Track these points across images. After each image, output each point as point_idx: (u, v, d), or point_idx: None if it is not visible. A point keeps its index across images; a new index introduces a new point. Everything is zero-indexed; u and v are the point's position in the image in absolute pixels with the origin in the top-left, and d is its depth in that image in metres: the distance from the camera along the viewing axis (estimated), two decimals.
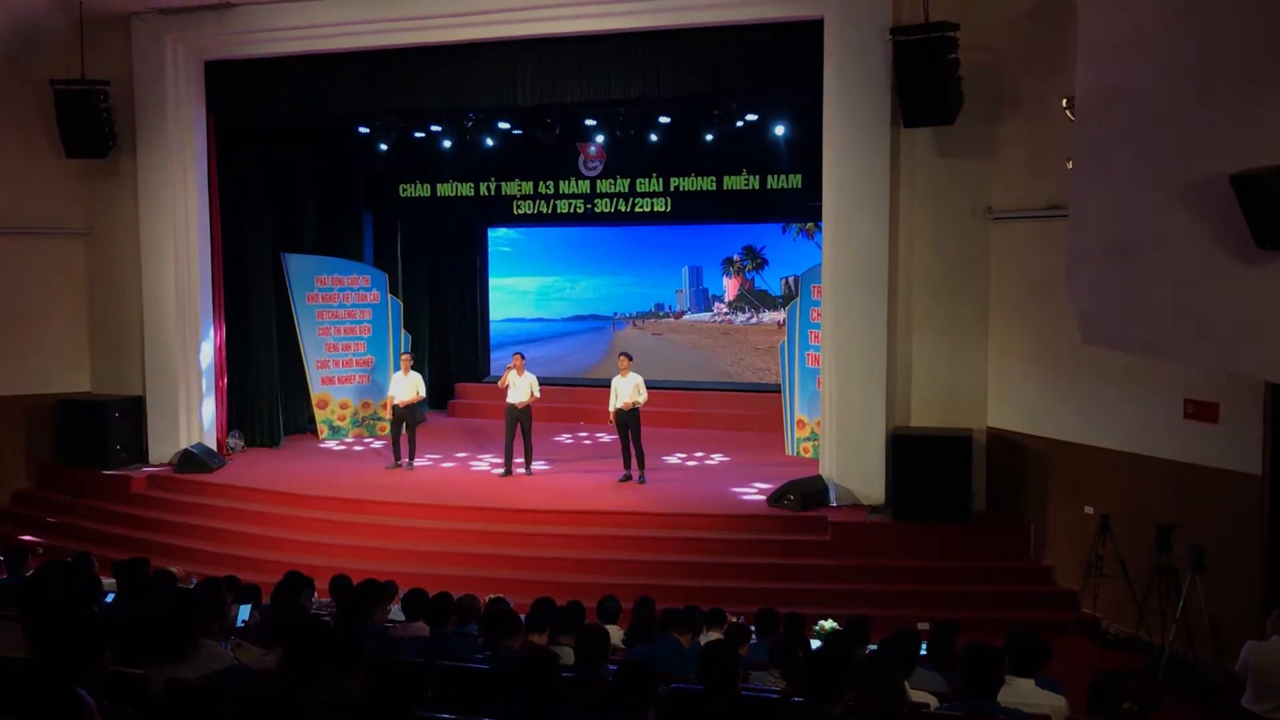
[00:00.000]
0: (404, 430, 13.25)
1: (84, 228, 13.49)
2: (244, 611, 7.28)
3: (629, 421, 12.26)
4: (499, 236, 18.06)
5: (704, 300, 17.36)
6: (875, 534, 10.62)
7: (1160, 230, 6.19)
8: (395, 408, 13.34)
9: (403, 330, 15.75)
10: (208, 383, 13.60)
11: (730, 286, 17.12)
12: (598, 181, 16.28)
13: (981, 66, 10.28)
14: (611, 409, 12.33)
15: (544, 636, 6.22)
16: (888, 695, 4.18)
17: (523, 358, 12.88)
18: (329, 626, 4.58)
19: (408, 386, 13.21)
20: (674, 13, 11.29)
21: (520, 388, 12.63)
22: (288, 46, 12.60)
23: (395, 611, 7.46)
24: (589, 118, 13.91)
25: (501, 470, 12.80)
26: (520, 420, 12.67)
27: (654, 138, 14.16)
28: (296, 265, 15.05)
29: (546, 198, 16.54)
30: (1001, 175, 10.61)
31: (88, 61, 12.55)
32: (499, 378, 13.03)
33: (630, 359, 12.50)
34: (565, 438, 15.15)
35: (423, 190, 16.93)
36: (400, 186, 16.93)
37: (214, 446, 13.59)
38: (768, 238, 16.63)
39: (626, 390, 12.21)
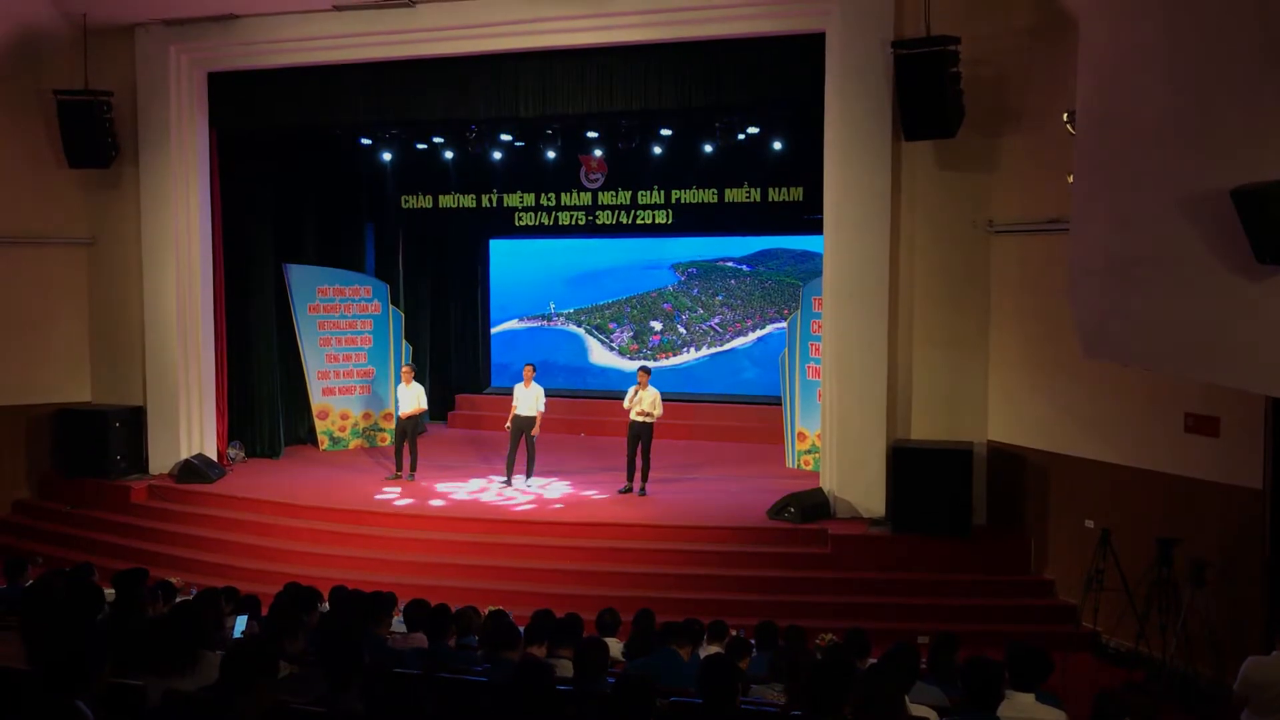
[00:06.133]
0: (406, 441, 13.26)
1: (86, 238, 13.50)
2: (241, 623, 7.27)
3: (641, 434, 12.24)
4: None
5: None
6: (876, 547, 10.61)
7: (1161, 244, 6.20)
8: (398, 419, 13.35)
9: (404, 341, 15.77)
10: (208, 393, 13.59)
11: None
12: (599, 193, 16.31)
13: (983, 80, 10.30)
14: (626, 405, 12.27)
15: (543, 649, 6.20)
16: (887, 708, 4.16)
17: (534, 369, 12.88)
18: None
19: (410, 398, 13.22)
20: (676, 26, 11.33)
21: (527, 400, 12.64)
22: (290, 58, 12.65)
23: (395, 622, 7.44)
24: (590, 130, 13.93)
25: (503, 481, 12.80)
26: (525, 432, 12.66)
27: (655, 150, 14.21)
28: (298, 276, 15.08)
29: (548, 209, 16.57)
30: (1002, 189, 10.63)
31: (91, 72, 12.59)
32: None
33: (648, 372, 12.47)
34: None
35: (425, 201, 16.94)
36: (402, 198, 16.94)
37: (214, 457, 13.58)
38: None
39: (643, 402, 12.20)
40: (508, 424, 12.79)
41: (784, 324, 15.05)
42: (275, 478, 13.46)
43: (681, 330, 17.19)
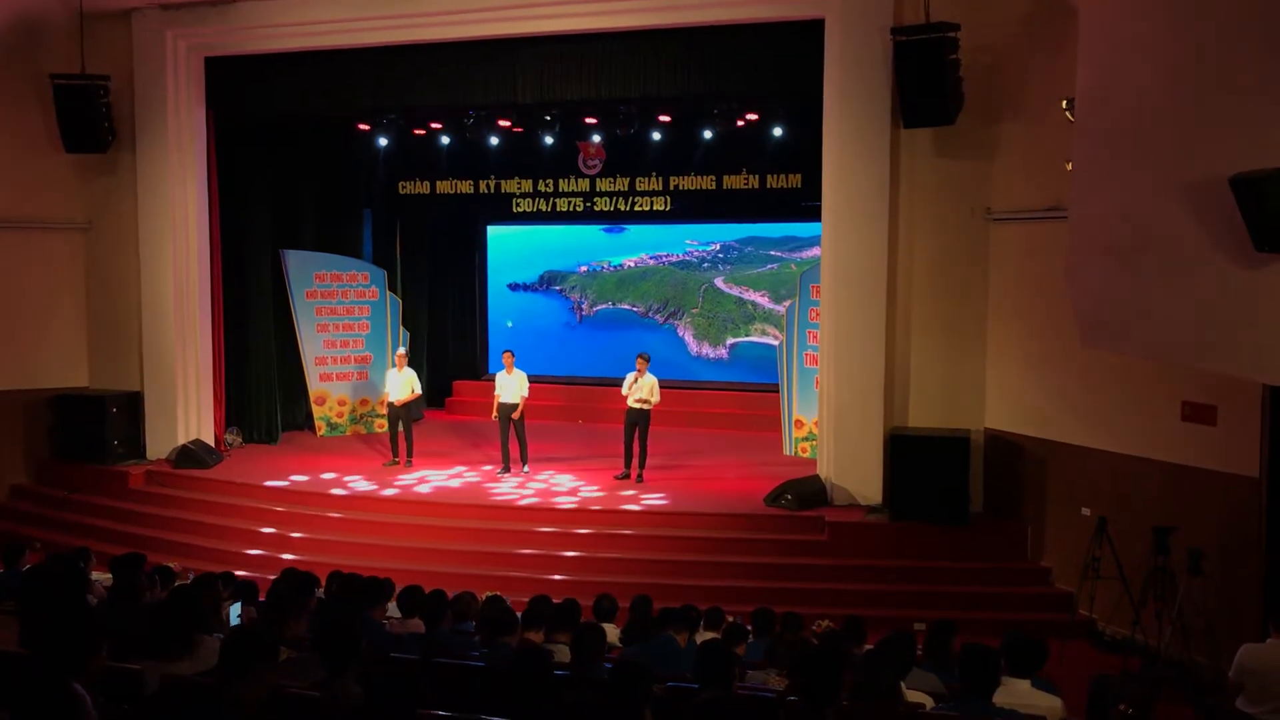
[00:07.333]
0: (400, 427, 13.24)
1: (83, 223, 13.47)
2: (237, 608, 7.29)
3: (638, 420, 12.24)
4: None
5: None
6: (872, 534, 10.62)
7: (1159, 232, 6.20)
8: (391, 405, 13.34)
9: (401, 327, 15.75)
10: (205, 379, 13.57)
11: None
12: (597, 180, 16.28)
13: (982, 67, 10.28)
14: (624, 392, 12.26)
15: (540, 634, 6.22)
16: (884, 695, 4.18)
17: (513, 355, 12.85)
18: None
19: (402, 384, 13.19)
20: (675, 12, 11.29)
21: (510, 386, 12.62)
22: (288, 43, 12.59)
23: (393, 608, 7.46)
24: (589, 116, 13.90)
25: (499, 468, 12.80)
26: (513, 419, 12.66)
27: (654, 136, 14.18)
28: (295, 261, 15.05)
29: (546, 196, 16.53)
30: (1001, 176, 10.61)
31: (88, 56, 12.53)
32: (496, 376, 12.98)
33: (647, 358, 12.43)
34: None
35: (422, 187, 16.89)
36: (400, 183, 16.89)
37: (212, 442, 13.58)
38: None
39: (642, 389, 12.20)
40: (494, 414, 12.78)
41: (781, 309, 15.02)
42: (272, 463, 13.46)
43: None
